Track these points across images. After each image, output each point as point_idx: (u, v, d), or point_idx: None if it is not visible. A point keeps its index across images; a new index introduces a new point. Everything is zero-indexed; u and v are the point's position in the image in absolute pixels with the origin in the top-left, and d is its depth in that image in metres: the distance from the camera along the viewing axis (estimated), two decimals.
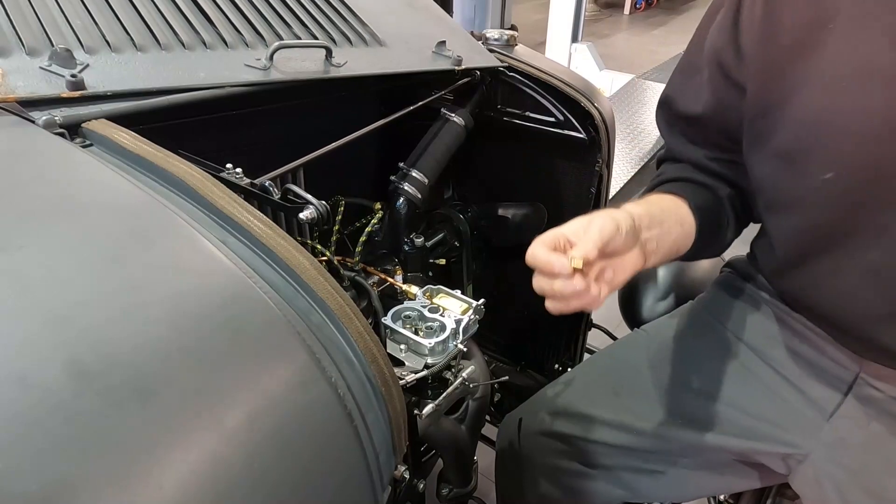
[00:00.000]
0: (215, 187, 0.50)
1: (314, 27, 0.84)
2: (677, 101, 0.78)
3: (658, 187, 0.77)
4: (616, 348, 0.96)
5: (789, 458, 0.76)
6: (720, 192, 0.76)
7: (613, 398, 0.85)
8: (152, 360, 0.35)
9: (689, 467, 0.83)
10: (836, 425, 0.73)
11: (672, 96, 0.79)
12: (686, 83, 0.76)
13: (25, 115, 0.54)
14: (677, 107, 0.78)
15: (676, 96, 0.78)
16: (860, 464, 0.71)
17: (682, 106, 0.77)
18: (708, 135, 0.76)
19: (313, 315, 0.44)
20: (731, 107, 0.70)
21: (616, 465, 0.84)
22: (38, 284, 0.37)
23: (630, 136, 3.32)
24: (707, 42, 0.71)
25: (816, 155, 0.61)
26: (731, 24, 0.67)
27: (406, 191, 0.94)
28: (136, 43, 0.67)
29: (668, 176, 0.79)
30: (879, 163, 0.57)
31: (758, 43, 0.64)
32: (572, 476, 0.86)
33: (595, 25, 6.58)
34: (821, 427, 0.74)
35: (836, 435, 0.73)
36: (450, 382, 0.78)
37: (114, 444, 0.31)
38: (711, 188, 0.76)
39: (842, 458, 0.72)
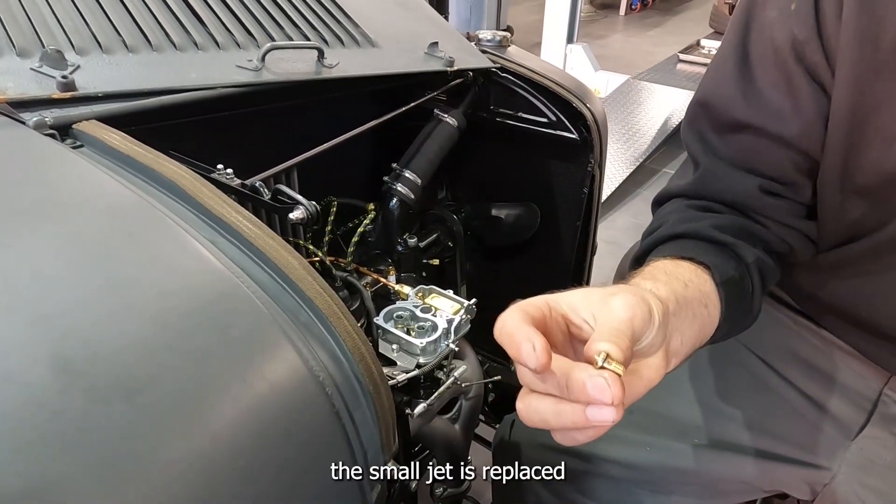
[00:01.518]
0: (205, 188, 0.51)
1: (306, 28, 0.84)
2: (728, 108, 0.59)
3: (667, 243, 0.58)
4: None
5: (814, 482, 0.72)
6: (747, 258, 0.57)
7: (627, 415, 0.81)
8: (138, 358, 0.35)
9: (697, 489, 0.77)
10: (861, 445, 0.70)
11: (716, 102, 0.61)
12: (744, 83, 0.58)
13: (16, 116, 0.54)
14: (729, 115, 0.59)
15: (725, 101, 0.60)
16: (889, 486, 0.67)
17: (738, 113, 0.59)
18: (771, 154, 0.58)
19: (301, 314, 0.44)
20: (811, 114, 0.56)
21: (620, 481, 0.79)
22: (24, 283, 0.37)
23: (625, 136, 3.33)
24: (774, 31, 0.56)
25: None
26: (811, 10, 0.53)
27: (399, 191, 0.94)
28: (128, 44, 0.67)
29: (681, 230, 0.58)
30: None
31: (853, 40, 0.50)
32: (572, 492, 0.83)
33: (590, 26, 6.59)
34: (845, 447, 0.70)
35: (863, 455, 0.69)
36: (442, 382, 0.78)
37: (99, 441, 0.31)
38: (737, 252, 0.57)
39: (869, 481, 0.69)
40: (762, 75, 0.57)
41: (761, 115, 0.57)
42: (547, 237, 1.15)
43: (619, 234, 2.71)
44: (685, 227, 0.58)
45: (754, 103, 0.58)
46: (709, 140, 0.62)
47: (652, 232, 0.61)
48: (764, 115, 0.57)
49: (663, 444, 0.75)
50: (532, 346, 0.36)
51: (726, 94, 0.60)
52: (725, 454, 0.73)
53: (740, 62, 0.59)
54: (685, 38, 5.02)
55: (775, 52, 0.56)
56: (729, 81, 0.60)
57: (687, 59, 4.35)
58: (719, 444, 0.73)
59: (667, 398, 0.77)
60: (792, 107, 0.56)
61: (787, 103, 0.56)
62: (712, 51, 4.41)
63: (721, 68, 0.61)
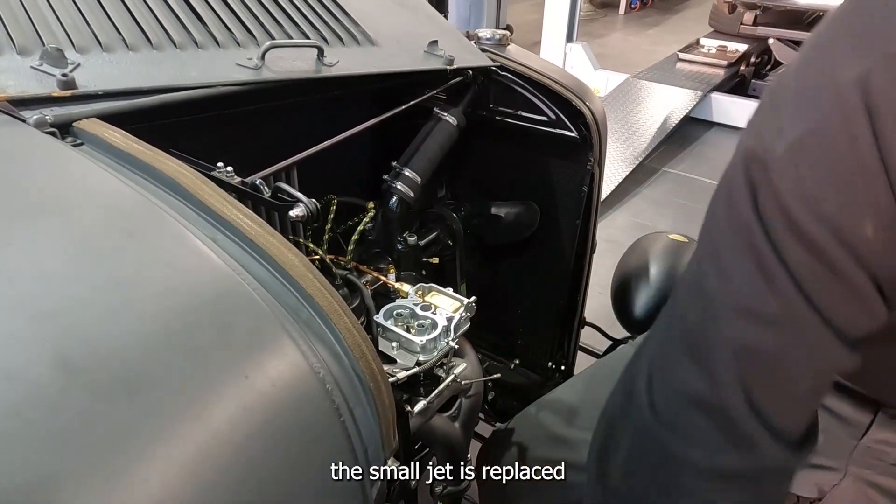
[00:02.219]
0: (206, 185, 0.51)
1: (306, 26, 0.84)
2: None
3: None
4: (613, 371, 0.87)
5: (823, 483, 0.71)
6: None
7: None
8: (139, 355, 0.35)
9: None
10: (868, 444, 0.69)
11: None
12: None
13: (16, 114, 0.54)
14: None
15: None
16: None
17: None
18: None
19: (302, 311, 0.44)
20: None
21: None
22: (26, 281, 0.37)
23: (624, 135, 3.33)
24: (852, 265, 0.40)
25: None
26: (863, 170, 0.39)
27: (399, 190, 0.94)
28: (128, 42, 0.67)
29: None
30: None
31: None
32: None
33: (590, 25, 6.59)
34: (853, 447, 0.69)
35: (871, 454, 0.69)
36: (442, 380, 0.78)
37: (100, 438, 0.31)
38: None
39: (878, 479, 0.69)
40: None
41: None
42: (546, 236, 1.15)
43: (619, 232, 2.71)
44: None
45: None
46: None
47: None
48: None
49: None
50: None
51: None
52: None
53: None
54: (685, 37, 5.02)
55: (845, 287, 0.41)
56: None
57: (686, 57, 4.35)
58: None
59: None
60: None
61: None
62: (712, 49, 4.41)
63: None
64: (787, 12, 4.39)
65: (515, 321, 1.29)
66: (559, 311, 1.21)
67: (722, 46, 4.37)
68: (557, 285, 1.18)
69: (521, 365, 1.31)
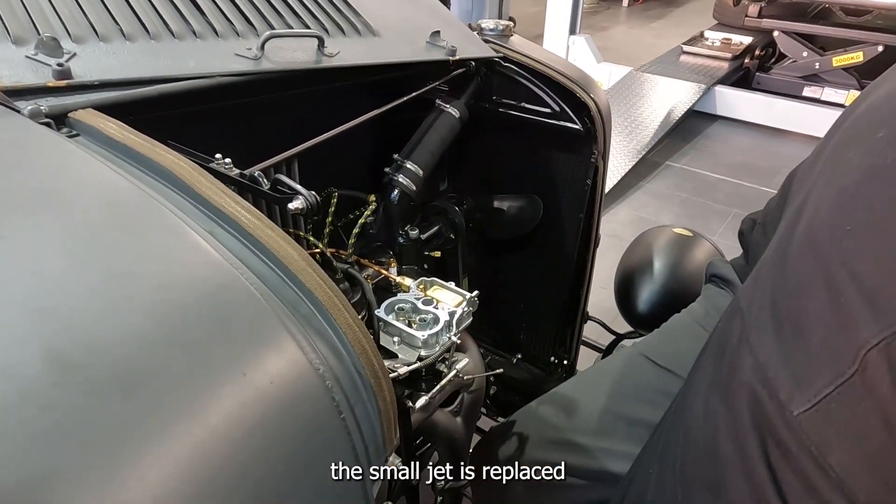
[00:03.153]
0: (203, 177, 0.50)
1: (306, 16, 0.83)
2: None
3: None
4: (619, 375, 0.88)
5: None
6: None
7: (627, 428, 0.78)
8: (135, 351, 0.34)
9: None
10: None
11: None
12: None
13: (10, 104, 0.53)
14: None
15: None
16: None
17: None
18: None
19: (301, 306, 0.44)
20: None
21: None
22: (19, 274, 0.36)
23: (628, 128, 3.32)
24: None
25: None
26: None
27: (400, 182, 0.93)
28: (125, 31, 0.66)
29: None
30: None
31: None
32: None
33: (593, 18, 6.55)
34: None
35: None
36: (444, 375, 0.77)
37: (94, 435, 0.31)
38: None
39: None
40: None
41: None
42: (549, 229, 1.14)
43: (622, 227, 2.70)
44: None
45: None
46: None
47: None
48: None
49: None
50: None
51: None
52: None
53: None
54: (688, 30, 4.99)
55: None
56: None
57: (690, 50, 4.32)
58: None
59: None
60: None
61: None
62: (716, 42, 4.38)
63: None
64: (792, 4, 4.36)
65: (518, 316, 1.28)
66: (562, 305, 1.20)
67: (726, 39, 4.34)
68: (560, 279, 1.17)
69: (523, 360, 1.31)
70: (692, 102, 3.62)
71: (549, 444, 0.83)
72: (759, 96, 3.86)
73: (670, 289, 1.15)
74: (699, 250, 1.18)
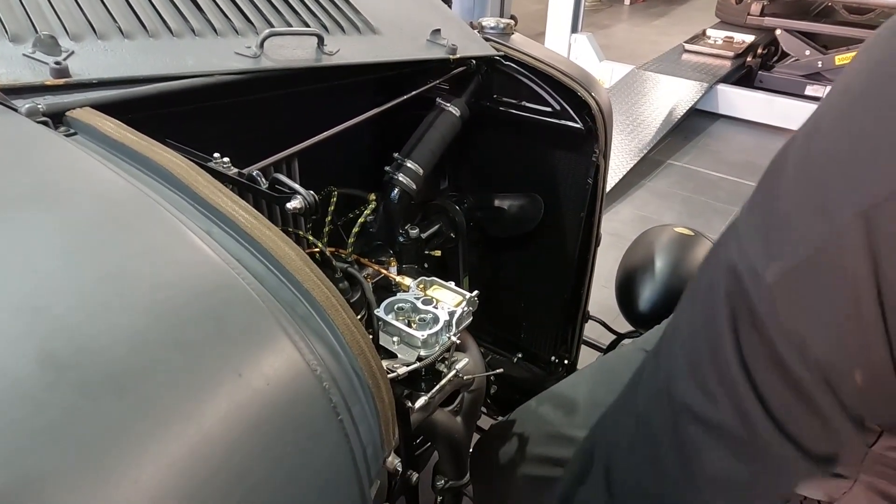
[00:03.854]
0: (201, 177, 0.49)
1: (306, 14, 0.83)
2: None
3: None
4: (620, 372, 0.85)
5: (832, 491, 0.72)
6: None
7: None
8: (130, 351, 0.34)
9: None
10: (881, 452, 0.69)
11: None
12: None
13: (8, 102, 0.53)
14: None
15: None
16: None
17: None
18: None
19: (298, 306, 0.43)
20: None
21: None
22: (14, 274, 0.36)
23: (630, 127, 3.31)
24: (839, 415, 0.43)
25: None
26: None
27: (401, 181, 0.93)
28: (123, 29, 0.66)
29: None
30: None
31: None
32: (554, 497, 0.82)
33: (595, 16, 6.53)
34: (864, 454, 0.70)
35: (883, 462, 0.68)
36: (443, 374, 0.77)
37: (87, 436, 0.30)
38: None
39: (889, 489, 0.68)
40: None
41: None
42: (550, 228, 1.14)
43: (623, 226, 2.69)
44: None
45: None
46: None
47: None
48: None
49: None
50: None
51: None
52: None
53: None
54: (691, 28, 4.97)
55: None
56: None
57: (692, 49, 4.31)
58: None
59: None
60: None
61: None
62: (718, 40, 4.36)
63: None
64: (794, 3, 4.35)
65: (518, 315, 1.28)
66: (563, 304, 1.19)
67: (728, 37, 4.32)
68: (561, 279, 1.17)
69: (524, 359, 1.30)
70: (694, 101, 3.61)
71: (548, 438, 0.83)
72: (761, 95, 3.84)
73: (672, 288, 1.14)
74: (701, 250, 1.17)
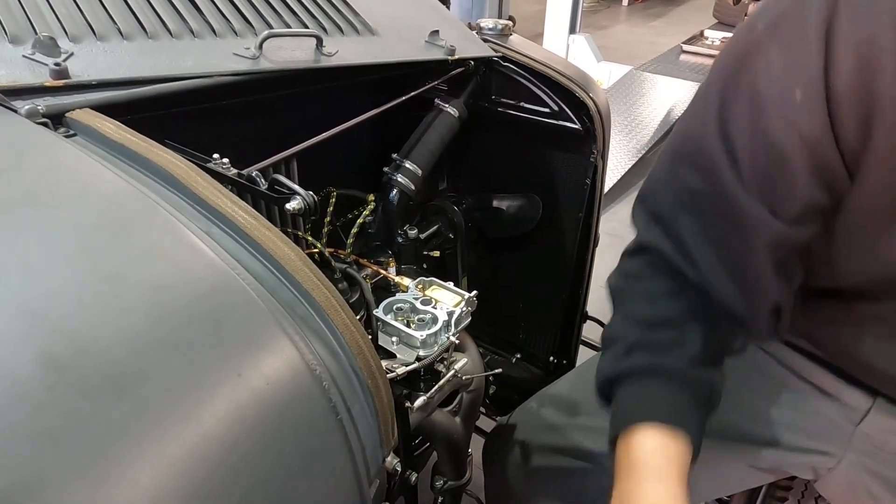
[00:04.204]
0: (200, 178, 0.50)
1: (304, 16, 0.83)
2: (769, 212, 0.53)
3: (641, 380, 0.58)
4: None
5: (819, 467, 0.73)
6: (718, 385, 0.60)
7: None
8: (129, 352, 0.34)
9: (702, 477, 0.78)
10: (868, 431, 0.70)
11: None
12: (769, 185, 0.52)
13: (7, 104, 0.53)
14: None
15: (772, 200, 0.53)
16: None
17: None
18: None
19: (298, 307, 0.43)
20: (799, 211, 0.52)
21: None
22: (12, 275, 0.36)
23: (628, 127, 3.31)
24: (770, 126, 0.50)
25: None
26: (822, 103, 0.47)
27: (399, 182, 0.93)
28: (122, 31, 0.66)
29: (654, 365, 0.58)
30: None
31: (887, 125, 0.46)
32: (572, 492, 0.83)
33: (593, 17, 6.54)
34: (851, 433, 0.70)
35: (870, 443, 0.70)
36: (442, 375, 0.77)
37: (87, 437, 0.30)
38: (711, 387, 0.60)
39: (877, 468, 0.69)
40: (751, 164, 0.52)
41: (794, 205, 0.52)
42: (549, 229, 1.14)
43: (621, 226, 2.69)
44: (658, 361, 0.58)
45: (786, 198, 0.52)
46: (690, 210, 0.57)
47: (616, 342, 0.61)
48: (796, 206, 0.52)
49: None
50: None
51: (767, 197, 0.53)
52: (731, 443, 0.74)
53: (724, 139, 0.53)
54: (689, 29, 4.98)
55: (771, 148, 0.50)
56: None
57: (690, 49, 4.32)
58: (725, 433, 0.73)
59: None
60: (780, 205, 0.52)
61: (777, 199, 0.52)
62: (716, 42, 4.37)
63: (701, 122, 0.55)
64: None
65: (517, 315, 1.28)
66: (561, 305, 1.20)
67: (726, 38, 4.33)
68: (560, 279, 1.17)
69: (522, 359, 1.31)
70: None
71: (552, 432, 0.84)
72: None
73: None
74: None
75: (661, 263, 0.60)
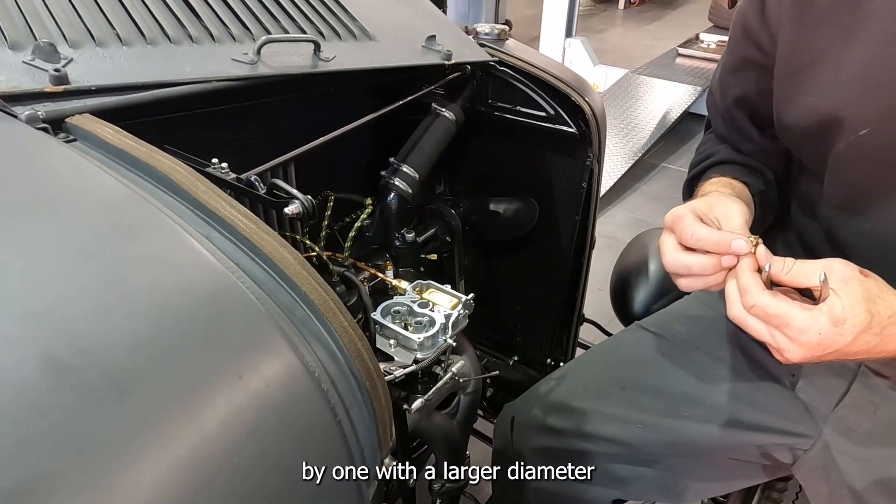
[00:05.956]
0: (199, 182, 0.50)
1: (302, 21, 0.83)
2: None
3: (714, 168, 0.81)
4: (617, 345, 0.95)
5: (795, 448, 0.76)
6: (768, 176, 0.80)
7: (620, 392, 0.84)
8: (130, 355, 0.35)
9: (690, 465, 0.83)
10: (841, 414, 0.73)
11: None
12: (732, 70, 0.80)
13: (8, 109, 0.54)
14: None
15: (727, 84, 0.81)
16: (868, 453, 0.71)
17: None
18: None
19: (297, 310, 0.44)
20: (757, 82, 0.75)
21: (616, 460, 0.83)
22: (15, 279, 0.36)
23: (624, 131, 3.32)
24: (744, 16, 0.74)
25: (853, 109, 0.61)
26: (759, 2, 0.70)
27: (397, 186, 0.93)
28: (121, 37, 0.66)
29: (723, 157, 0.82)
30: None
31: (793, 4, 0.65)
32: (567, 472, 0.85)
33: (589, 20, 6.57)
34: (826, 416, 0.74)
35: (843, 424, 0.73)
36: (440, 377, 0.78)
37: (89, 440, 0.31)
38: (762, 173, 0.80)
39: (849, 448, 0.72)
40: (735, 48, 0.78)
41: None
42: (545, 232, 1.15)
43: (618, 229, 2.70)
44: (724, 155, 0.82)
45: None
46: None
47: (699, 162, 0.86)
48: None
49: (655, 420, 0.80)
50: (741, 241, 0.59)
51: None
52: (714, 427, 0.78)
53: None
54: (684, 32, 5.00)
55: (734, 27, 0.77)
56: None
57: (686, 53, 4.34)
58: (708, 417, 0.78)
59: (658, 376, 0.83)
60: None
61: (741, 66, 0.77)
62: (711, 45, 4.39)
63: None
64: None
65: (514, 318, 1.29)
66: (558, 307, 1.20)
67: (722, 41, 4.35)
68: (556, 281, 1.18)
69: (519, 361, 1.31)
70: (688, 104, 3.63)
71: (563, 411, 0.86)
72: None
73: (666, 290, 1.15)
74: None
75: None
